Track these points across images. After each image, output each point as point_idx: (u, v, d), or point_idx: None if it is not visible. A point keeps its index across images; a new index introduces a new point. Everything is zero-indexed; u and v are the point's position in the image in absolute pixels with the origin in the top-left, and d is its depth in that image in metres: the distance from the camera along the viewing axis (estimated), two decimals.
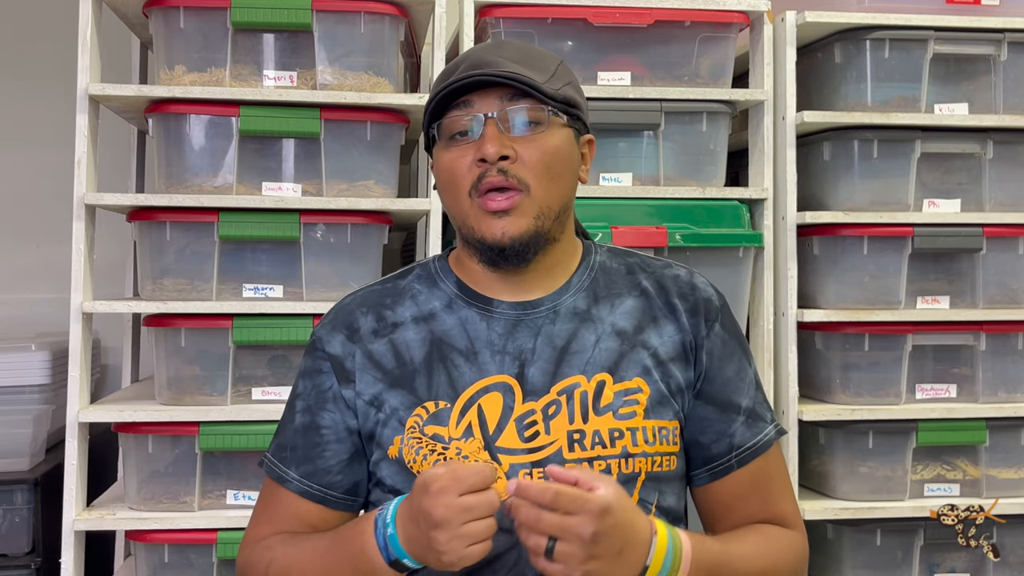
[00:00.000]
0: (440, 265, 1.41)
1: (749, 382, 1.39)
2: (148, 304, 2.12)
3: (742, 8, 2.30)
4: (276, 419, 2.07)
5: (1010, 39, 2.32)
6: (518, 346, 1.32)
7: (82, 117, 2.12)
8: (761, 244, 2.28)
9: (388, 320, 1.35)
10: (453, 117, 1.29)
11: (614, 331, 1.34)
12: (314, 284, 2.17)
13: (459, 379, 1.30)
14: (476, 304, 1.35)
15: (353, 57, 2.17)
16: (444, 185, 1.32)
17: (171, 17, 2.13)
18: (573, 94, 1.34)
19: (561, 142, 1.31)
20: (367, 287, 1.42)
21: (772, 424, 1.39)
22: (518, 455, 1.28)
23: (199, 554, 2.10)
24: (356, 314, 1.37)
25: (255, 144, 2.17)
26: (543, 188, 1.28)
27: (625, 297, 1.37)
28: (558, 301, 1.35)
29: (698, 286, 1.40)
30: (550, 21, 2.24)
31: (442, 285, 1.38)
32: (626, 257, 1.43)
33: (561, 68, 1.35)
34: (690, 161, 2.31)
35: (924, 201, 2.31)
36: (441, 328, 1.34)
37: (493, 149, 1.26)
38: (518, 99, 1.28)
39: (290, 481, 1.35)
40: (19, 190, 2.96)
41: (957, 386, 2.32)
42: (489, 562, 1.25)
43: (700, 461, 1.36)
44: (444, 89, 1.28)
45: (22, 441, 2.32)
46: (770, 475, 1.38)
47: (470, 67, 1.29)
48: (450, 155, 1.30)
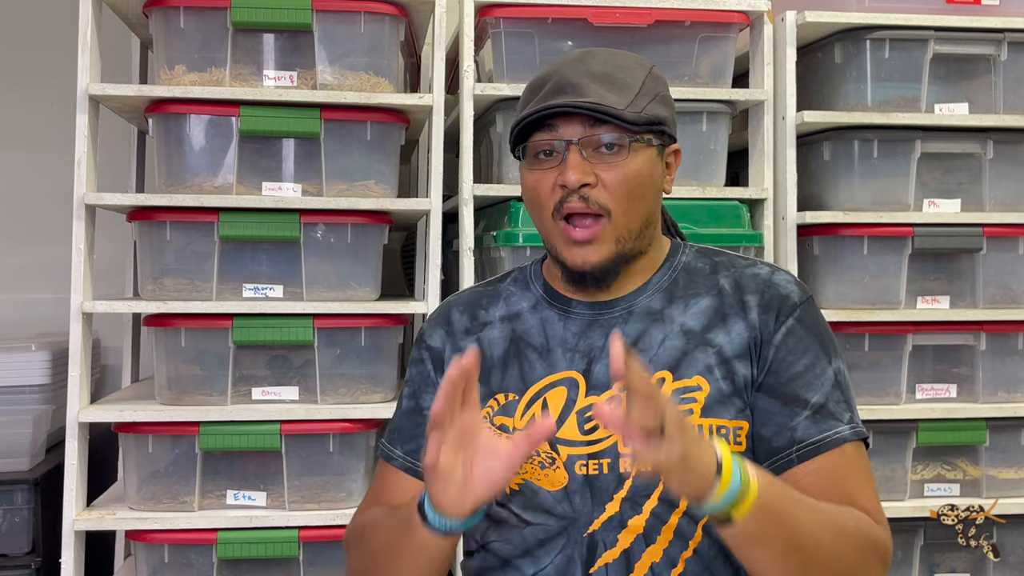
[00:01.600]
0: (534, 269, 1.47)
1: (826, 379, 1.33)
2: (148, 304, 2.12)
3: (742, 8, 2.30)
4: (276, 419, 2.11)
5: (1010, 39, 2.32)
6: (589, 344, 1.35)
7: (82, 117, 2.12)
8: (761, 244, 2.28)
9: (480, 320, 1.43)
10: (537, 140, 1.33)
11: (682, 330, 1.35)
12: (314, 284, 2.17)
13: (530, 373, 1.36)
14: (557, 305, 1.40)
15: (353, 57, 2.17)
16: (529, 203, 1.37)
17: (171, 17, 2.13)
18: (659, 110, 1.35)
19: (643, 164, 1.33)
20: (471, 288, 1.51)
21: (848, 424, 1.32)
22: (577, 447, 1.31)
23: (199, 554, 2.10)
24: (454, 312, 1.45)
25: (255, 144, 2.17)
26: (624, 211, 1.32)
27: (701, 297, 1.38)
28: (634, 302, 1.38)
29: (776, 283, 1.38)
30: (550, 21, 2.24)
31: (532, 288, 1.44)
32: (713, 256, 1.44)
33: (649, 80, 1.36)
34: (690, 161, 2.30)
35: (924, 201, 2.31)
36: (523, 327, 1.40)
37: (575, 177, 1.29)
38: (600, 125, 1.30)
39: (395, 459, 1.42)
40: (19, 190, 2.96)
41: (957, 386, 2.32)
42: (542, 543, 1.31)
43: (763, 455, 1.32)
44: (527, 118, 1.31)
45: (22, 441, 2.32)
46: (842, 474, 1.30)
47: (555, 88, 1.31)
48: (534, 176, 1.34)
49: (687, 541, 1.29)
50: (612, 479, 1.30)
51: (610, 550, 1.29)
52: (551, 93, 1.32)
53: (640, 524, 1.29)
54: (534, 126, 1.33)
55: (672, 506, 1.29)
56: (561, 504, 1.31)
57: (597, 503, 1.30)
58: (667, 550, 1.29)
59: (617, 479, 1.30)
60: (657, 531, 1.29)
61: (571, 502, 1.31)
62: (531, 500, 1.32)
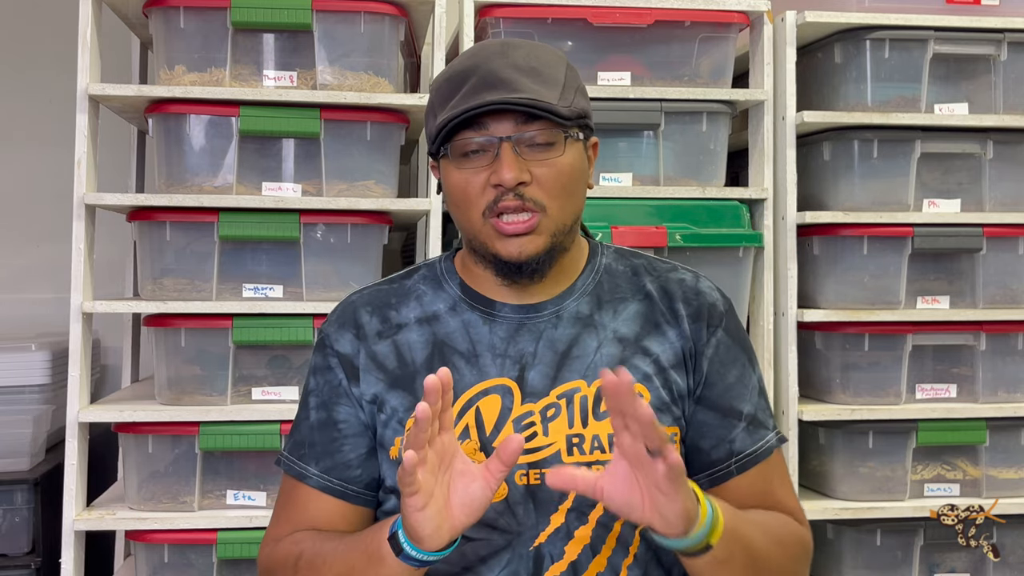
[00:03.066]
0: (445, 267, 1.40)
1: (752, 388, 1.37)
2: (148, 304, 2.12)
3: (742, 8, 2.30)
4: (276, 419, 2.11)
5: (1010, 39, 2.32)
6: (519, 350, 1.32)
7: (82, 117, 2.12)
8: (761, 244, 2.28)
9: (392, 321, 1.35)
10: (466, 138, 1.27)
11: (616, 337, 1.33)
12: (314, 284, 2.17)
13: (459, 381, 1.30)
14: (479, 307, 1.35)
15: (353, 57, 2.17)
16: (455, 201, 1.30)
17: (171, 17, 2.13)
18: (583, 104, 1.32)
19: (574, 159, 1.29)
20: (373, 285, 1.42)
21: (774, 431, 1.37)
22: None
23: (199, 554, 2.10)
24: (361, 313, 1.37)
25: (255, 144, 2.17)
26: (559, 208, 1.28)
27: (629, 302, 1.36)
28: (561, 305, 1.34)
29: (703, 291, 1.38)
30: (550, 21, 2.24)
31: (447, 287, 1.37)
32: (632, 259, 1.42)
33: (569, 73, 1.32)
34: (690, 161, 2.31)
35: (924, 201, 2.31)
36: (444, 330, 1.33)
37: (510, 175, 1.24)
38: (533, 121, 1.26)
39: (310, 477, 1.33)
40: (19, 190, 2.96)
41: (957, 386, 2.32)
42: (483, 559, 1.26)
43: (700, 467, 1.34)
44: (460, 116, 1.24)
45: (22, 441, 2.32)
46: (771, 481, 1.36)
47: (482, 83, 1.25)
48: (463, 174, 1.28)
49: (628, 548, 1.29)
50: (555, 490, 1.24)
51: (557, 563, 1.26)
52: (479, 88, 1.25)
53: (587, 534, 1.27)
54: (461, 123, 1.26)
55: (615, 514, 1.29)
56: (503, 517, 1.26)
57: (542, 515, 1.27)
58: (611, 559, 1.28)
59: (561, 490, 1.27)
60: (603, 540, 1.28)
61: (514, 514, 1.27)
62: None
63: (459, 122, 1.25)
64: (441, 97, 1.30)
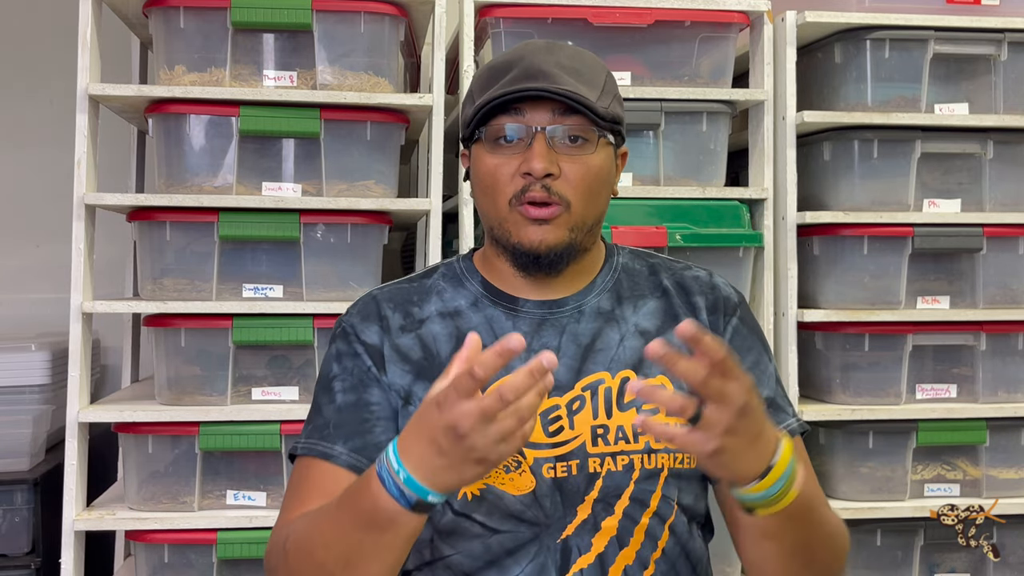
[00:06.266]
0: (465, 265, 1.42)
1: (769, 375, 1.39)
2: (148, 304, 2.12)
3: (742, 8, 2.30)
4: (276, 419, 2.10)
5: (1010, 39, 2.32)
6: (543, 344, 1.33)
7: (82, 117, 2.12)
8: (761, 244, 2.28)
9: (415, 316, 1.37)
10: (500, 124, 1.29)
11: (638, 331, 1.36)
12: (314, 284, 2.17)
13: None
14: (502, 303, 1.36)
15: (353, 57, 2.17)
16: (483, 187, 1.33)
17: (171, 17, 2.13)
18: (618, 110, 1.35)
19: (603, 161, 1.33)
20: (393, 283, 1.43)
21: (794, 417, 1.39)
22: (542, 449, 1.29)
23: (199, 554, 2.10)
24: (384, 307, 1.38)
25: (255, 144, 2.17)
26: (582, 205, 1.31)
27: (648, 298, 1.39)
28: (583, 301, 1.37)
29: (718, 285, 1.43)
30: (550, 21, 2.24)
31: (467, 284, 1.39)
32: (647, 258, 1.45)
33: (608, 80, 1.36)
34: (690, 161, 2.30)
35: (924, 201, 2.31)
36: (467, 325, 1.35)
37: (540, 165, 1.27)
38: (570, 115, 1.29)
39: (337, 456, 1.28)
40: (19, 190, 2.96)
41: (957, 386, 2.32)
42: (510, 552, 1.27)
43: None
44: (500, 98, 1.27)
45: (22, 441, 2.32)
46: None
47: (524, 74, 1.28)
48: (495, 160, 1.31)
49: (656, 542, 1.30)
50: (581, 481, 1.28)
51: (584, 555, 1.27)
52: (520, 78, 1.28)
53: (613, 526, 1.28)
54: (498, 109, 1.29)
55: (643, 506, 1.29)
56: (531, 510, 1.27)
57: (569, 507, 1.28)
58: (639, 552, 1.29)
59: (587, 480, 1.28)
60: (630, 532, 1.29)
61: (542, 507, 1.28)
62: (496, 506, 1.28)
63: (496, 107, 1.29)
64: (481, 84, 1.33)
